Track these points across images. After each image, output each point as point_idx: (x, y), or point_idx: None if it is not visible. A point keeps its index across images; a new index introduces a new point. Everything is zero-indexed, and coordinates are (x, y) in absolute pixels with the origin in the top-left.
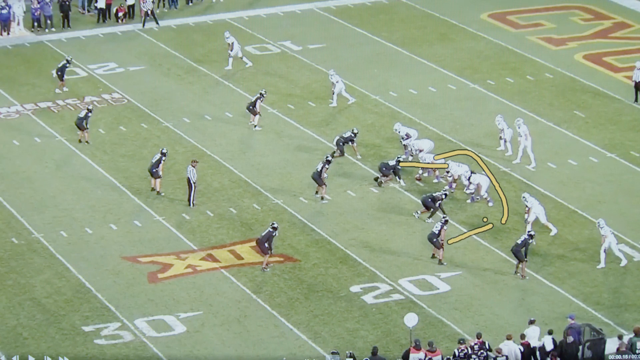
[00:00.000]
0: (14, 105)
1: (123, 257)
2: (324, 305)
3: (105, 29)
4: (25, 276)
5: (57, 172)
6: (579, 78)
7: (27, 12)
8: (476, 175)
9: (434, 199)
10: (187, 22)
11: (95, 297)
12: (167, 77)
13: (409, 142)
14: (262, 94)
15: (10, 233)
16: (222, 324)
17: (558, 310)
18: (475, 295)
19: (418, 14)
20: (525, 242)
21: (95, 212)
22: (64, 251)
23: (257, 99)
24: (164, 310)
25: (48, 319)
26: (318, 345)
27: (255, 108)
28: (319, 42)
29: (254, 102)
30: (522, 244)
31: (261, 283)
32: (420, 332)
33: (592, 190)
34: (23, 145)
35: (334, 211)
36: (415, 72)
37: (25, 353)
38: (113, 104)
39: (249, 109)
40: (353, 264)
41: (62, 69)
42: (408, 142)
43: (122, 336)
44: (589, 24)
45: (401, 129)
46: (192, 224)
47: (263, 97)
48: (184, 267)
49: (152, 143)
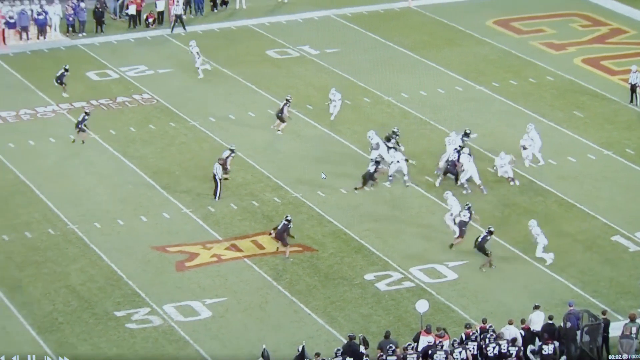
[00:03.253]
0: (50, 105)
1: (152, 247)
2: (340, 292)
3: (136, 34)
4: (61, 265)
5: (90, 167)
6: (578, 81)
7: (62, 18)
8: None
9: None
10: (212, 27)
11: (127, 284)
12: (194, 79)
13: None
14: (288, 100)
15: (46, 224)
16: (245, 309)
17: (558, 297)
18: (481, 283)
19: (427, 21)
20: (485, 239)
21: (127, 205)
22: (97, 241)
23: (284, 105)
24: (190, 296)
25: (82, 305)
26: (334, 329)
27: (282, 115)
28: (335, 47)
29: (281, 109)
30: (483, 240)
31: (281, 271)
32: (430, 317)
33: (590, 186)
34: (59, 143)
35: (349, 204)
36: (425, 74)
37: (60, 337)
38: (143, 104)
39: (277, 115)
40: (367, 254)
41: (61, 77)
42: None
43: (151, 321)
44: (587, 30)
45: (374, 138)
46: (217, 216)
47: (289, 102)
48: (210, 256)
49: (180, 141)
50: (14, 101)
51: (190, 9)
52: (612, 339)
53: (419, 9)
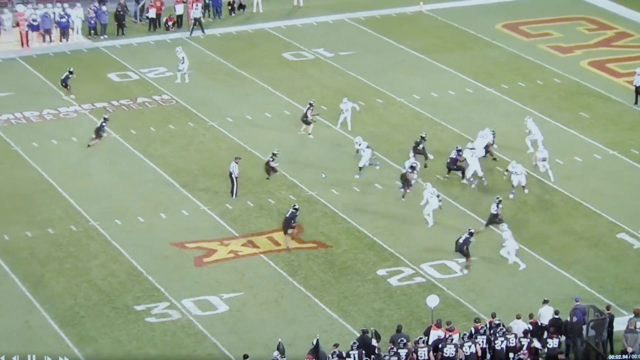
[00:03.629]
0: (72, 105)
1: (171, 243)
2: (353, 287)
3: (156, 37)
4: (83, 260)
5: (111, 166)
6: (584, 83)
7: (84, 21)
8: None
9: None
10: (230, 31)
11: (146, 279)
12: (212, 80)
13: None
14: (311, 104)
15: (69, 221)
16: (261, 304)
17: (565, 293)
18: (489, 279)
19: (438, 25)
20: (467, 240)
21: (147, 202)
22: (118, 238)
23: (307, 110)
24: (208, 291)
25: (103, 299)
26: (348, 323)
27: (307, 118)
28: (349, 50)
29: (305, 113)
30: (465, 242)
31: (297, 267)
32: (440, 311)
33: (595, 184)
34: (81, 142)
35: (362, 202)
36: (436, 76)
37: (81, 330)
38: (162, 104)
39: (302, 120)
40: (379, 250)
41: (66, 79)
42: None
43: (170, 315)
44: (593, 33)
45: (362, 143)
46: (234, 213)
47: (312, 106)
48: (227, 252)
49: (198, 140)
50: (37, 102)
51: (209, 12)
52: (617, 333)
53: (431, 13)
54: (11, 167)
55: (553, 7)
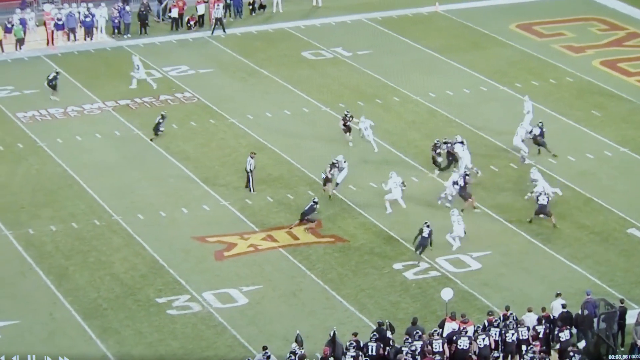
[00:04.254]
0: (96, 102)
1: (193, 237)
2: (370, 281)
3: (178, 36)
4: (106, 254)
5: (134, 162)
6: (596, 82)
7: (108, 20)
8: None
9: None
10: (250, 30)
11: (168, 272)
12: (233, 78)
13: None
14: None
15: (92, 216)
16: (280, 296)
17: (576, 286)
18: (503, 273)
19: (454, 24)
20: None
21: (168, 197)
22: (141, 232)
23: (345, 119)
24: (228, 284)
25: (125, 292)
26: (364, 315)
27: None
28: (366, 49)
29: (343, 123)
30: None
31: (314, 261)
32: (455, 305)
33: (606, 181)
34: (104, 138)
35: (379, 198)
36: (451, 75)
37: (104, 322)
38: (184, 102)
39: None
40: (395, 245)
41: (53, 79)
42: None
43: (191, 307)
44: (605, 33)
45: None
46: (254, 208)
47: (348, 116)
48: (247, 246)
49: (219, 137)
50: (62, 99)
51: (230, 12)
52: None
53: (446, 13)
54: (36, 162)
55: (566, 8)
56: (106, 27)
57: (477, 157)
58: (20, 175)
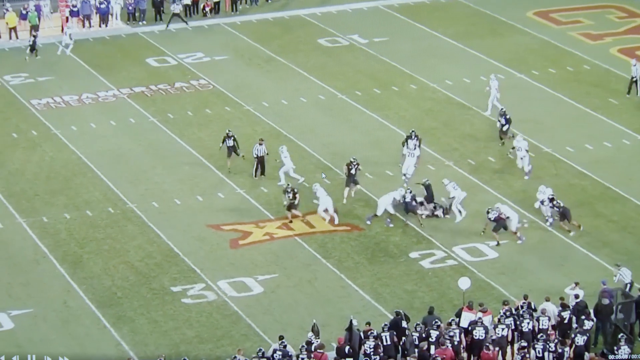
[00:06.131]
0: (111, 90)
1: (208, 225)
2: (386, 269)
3: (193, 23)
4: (120, 242)
5: (149, 149)
6: (613, 69)
7: (123, 7)
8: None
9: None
10: (266, 17)
11: (183, 260)
12: (248, 65)
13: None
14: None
15: (107, 203)
16: (295, 285)
17: (593, 275)
18: (519, 262)
19: (471, 12)
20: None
21: (183, 185)
22: (155, 220)
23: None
24: (243, 272)
25: (140, 280)
26: (380, 304)
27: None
28: (383, 36)
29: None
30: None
31: (330, 249)
32: (471, 294)
33: (624, 169)
34: (119, 125)
35: (395, 186)
36: (468, 63)
37: (119, 311)
38: (200, 89)
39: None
40: (412, 233)
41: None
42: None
43: (206, 296)
44: (623, 21)
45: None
46: (269, 196)
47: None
48: (262, 235)
49: (234, 124)
50: (76, 86)
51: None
52: None
53: (463, 0)
54: (51, 150)
55: None
56: (121, 13)
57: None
58: (34, 162)
